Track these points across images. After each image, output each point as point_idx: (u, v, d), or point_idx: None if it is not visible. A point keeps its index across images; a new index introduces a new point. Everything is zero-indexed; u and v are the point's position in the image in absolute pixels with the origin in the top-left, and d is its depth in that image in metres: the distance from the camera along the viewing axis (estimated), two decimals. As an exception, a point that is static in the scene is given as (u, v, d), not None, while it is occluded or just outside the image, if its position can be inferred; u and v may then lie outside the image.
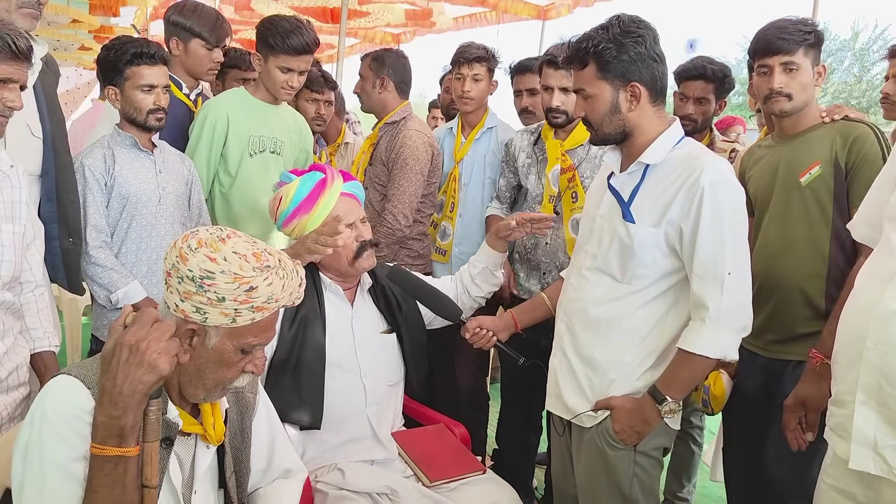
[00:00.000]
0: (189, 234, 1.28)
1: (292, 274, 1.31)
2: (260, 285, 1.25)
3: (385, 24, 7.54)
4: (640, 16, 1.76)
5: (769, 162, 2.17)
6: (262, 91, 2.69)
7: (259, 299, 1.25)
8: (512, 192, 2.87)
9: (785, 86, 2.05)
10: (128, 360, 1.15)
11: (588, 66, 1.75)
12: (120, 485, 1.16)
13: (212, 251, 1.24)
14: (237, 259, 1.24)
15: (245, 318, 1.26)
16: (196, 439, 1.40)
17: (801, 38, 2.02)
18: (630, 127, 1.77)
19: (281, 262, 1.30)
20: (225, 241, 1.26)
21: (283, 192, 2.10)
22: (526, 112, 3.10)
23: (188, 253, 1.23)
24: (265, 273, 1.26)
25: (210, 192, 2.70)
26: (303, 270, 1.37)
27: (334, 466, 1.99)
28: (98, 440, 1.15)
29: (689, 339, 1.70)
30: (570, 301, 1.91)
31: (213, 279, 1.22)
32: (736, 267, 1.67)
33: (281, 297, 1.28)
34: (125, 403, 1.15)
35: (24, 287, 1.84)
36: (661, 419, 1.76)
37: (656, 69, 1.74)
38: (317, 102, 3.22)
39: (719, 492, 3.00)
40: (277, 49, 2.56)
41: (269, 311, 1.29)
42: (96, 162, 2.30)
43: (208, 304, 1.23)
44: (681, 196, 1.69)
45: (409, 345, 2.19)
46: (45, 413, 1.19)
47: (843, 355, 1.52)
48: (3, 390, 1.72)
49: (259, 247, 1.30)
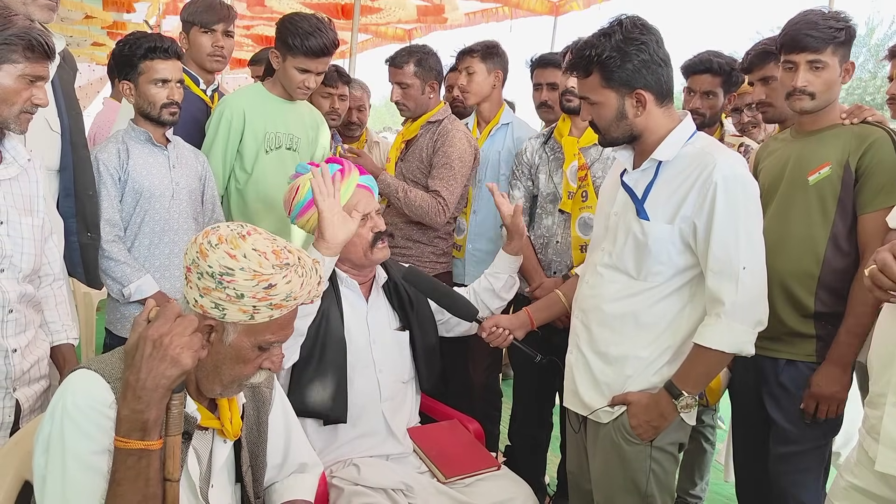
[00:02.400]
0: (210, 230, 1.28)
1: (311, 272, 1.31)
2: (279, 283, 1.25)
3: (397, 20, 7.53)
4: (642, 19, 1.73)
5: (781, 156, 2.14)
6: (279, 87, 2.69)
7: (278, 297, 1.25)
8: (531, 202, 2.77)
9: (809, 84, 2.00)
10: (151, 355, 1.16)
11: (592, 74, 1.74)
12: (143, 477, 1.17)
13: (232, 248, 1.24)
14: (257, 256, 1.24)
15: (263, 315, 1.26)
16: (213, 434, 1.41)
17: (830, 35, 1.96)
18: (638, 130, 1.77)
19: (300, 259, 1.31)
20: (245, 238, 1.26)
21: (300, 183, 2.08)
22: (545, 106, 3.08)
23: (208, 249, 1.24)
24: (284, 271, 1.26)
25: (226, 189, 2.71)
26: (322, 268, 1.36)
27: (349, 462, 2.00)
28: (122, 433, 1.16)
29: (704, 334, 1.70)
30: (586, 298, 1.91)
31: (232, 276, 1.22)
32: (750, 261, 1.67)
33: (300, 296, 1.29)
34: (149, 397, 1.16)
35: (42, 280, 1.86)
36: (677, 414, 1.76)
37: (661, 73, 1.73)
38: (331, 97, 3.21)
39: (730, 489, 2.98)
40: (296, 50, 2.54)
41: (288, 308, 1.29)
42: (110, 156, 2.32)
43: (227, 301, 1.23)
44: (694, 192, 1.68)
45: (421, 344, 2.19)
46: (65, 407, 1.20)
47: (877, 357, 1.51)
48: (26, 382, 1.74)
49: (279, 244, 1.30)
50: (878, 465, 1.44)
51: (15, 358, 1.69)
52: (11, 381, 1.69)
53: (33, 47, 1.60)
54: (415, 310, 2.20)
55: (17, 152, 1.75)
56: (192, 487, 1.36)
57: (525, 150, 2.77)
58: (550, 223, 2.64)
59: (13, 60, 1.59)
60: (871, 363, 1.54)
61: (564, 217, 2.60)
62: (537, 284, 2.61)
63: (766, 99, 2.39)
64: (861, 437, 1.56)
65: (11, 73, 1.60)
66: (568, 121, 2.64)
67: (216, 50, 2.80)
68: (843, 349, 1.97)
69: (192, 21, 2.78)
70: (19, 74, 1.61)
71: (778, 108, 2.37)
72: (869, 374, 1.56)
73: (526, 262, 2.63)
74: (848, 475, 1.56)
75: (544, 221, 2.66)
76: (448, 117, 2.91)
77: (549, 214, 2.65)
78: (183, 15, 2.83)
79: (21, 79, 1.61)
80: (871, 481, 1.49)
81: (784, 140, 2.19)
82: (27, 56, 1.60)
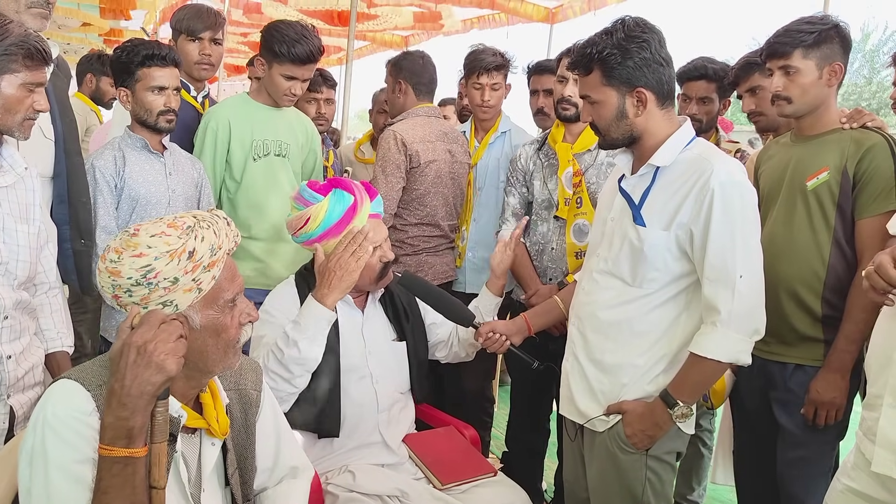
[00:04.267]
0: (102, 256, 1.26)
1: (213, 219, 1.31)
2: (196, 245, 1.24)
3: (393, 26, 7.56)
4: (644, 19, 1.73)
5: (780, 161, 2.15)
6: (264, 95, 2.69)
7: (205, 257, 1.25)
8: (526, 208, 2.77)
9: (783, 89, 2.01)
10: (136, 361, 1.16)
11: (593, 72, 1.74)
12: (130, 485, 1.17)
13: (133, 249, 1.22)
14: (158, 239, 1.23)
15: (206, 282, 1.26)
16: (201, 436, 1.40)
17: (797, 39, 1.98)
18: (638, 131, 1.76)
19: (197, 217, 1.30)
20: (137, 234, 1.24)
21: (311, 214, 2.00)
22: (541, 113, 3.09)
23: (116, 266, 1.22)
24: (192, 233, 1.25)
25: (218, 199, 2.71)
26: (222, 212, 1.36)
27: (345, 468, 1.99)
28: (106, 441, 1.16)
29: (700, 342, 1.69)
30: (582, 305, 1.90)
31: (153, 270, 1.22)
32: (747, 270, 1.65)
33: (223, 244, 1.29)
34: (134, 404, 1.16)
35: (38, 288, 1.86)
36: (672, 423, 1.74)
37: (663, 73, 1.72)
38: (316, 102, 3.21)
39: (729, 494, 2.98)
40: (282, 57, 2.54)
41: (221, 261, 1.29)
42: (107, 163, 2.31)
43: (168, 293, 1.23)
44: (691, 198, 1.67)
45: (415, 355, 2.19)
46: (46, 418, 1.19)
47: (875, 359, 1.52)
48: (20, 389, 1.74)
49: (169, 218, 1.29)
50: (875, 466, 1.44)
51: (9, 365, 1.68)
52: (5, 388, 1.68)
53: (32, 55, 1.61)
54: (410, 322, 2.20)
55: (14, 160, 1.75)
56: (182, 493, 1.35)
57: (519, 156, 2.76)
58: (545, 230, 2.64)
59: (13, 70, 1.60)
60: (869, 365, 1.55)
61: (559, 224, 2.60)
62: (533, 291, 2.61)
63: (756, 109, 2.43)
64: (858, 440, 1.56)
65: (13, 82, 1.61)
66: (562, 127, 2.64)
67: (203, 58, 2.79)
68: (841, 355, 1.97)
69: (179, 29, 2.78)
70: (20, 83, 1.62)
71: (769, 116, 2.41)
72: (866, 376, 1.56)
73: (521, 268, 2.63)
74: (845, 478, 1.56)
75: (539, 228, 2.66)
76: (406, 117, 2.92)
77: (544, 221, 2.65)
78: (171, 22, 2.82)
79: (22, 87, 1.63)
80: (867, 484, 1.49)
81: (784, 145, 2.19)
82: (27, 65, 1.61)
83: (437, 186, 2.87)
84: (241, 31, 8.70)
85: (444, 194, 2.90)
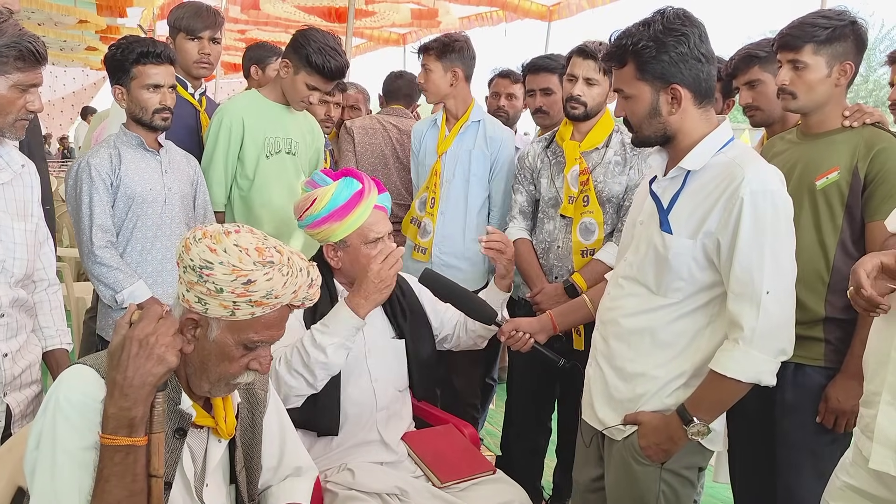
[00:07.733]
0: (199, 227, 1.30)
1: (299, 273, 1.31)
2: (258, 279, 1.25)
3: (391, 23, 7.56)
4: (687, 11, 1.62)
5: (788, 158, 2.09)
6: (277, 93, 2.69)
7: (257, 294, 1.26)
8: (534, 206, 2.73)
9: (789, 83, 1.97)
10: (138, 354, 1.20)
11: (627, 65, 1.64)
12: (131, 473, 1.21)
13: (213, 242, 1.26)
14: (237, 251, 1.25)
15: (244, 311, 1.27)
16: (208, 433, 1.42)
17: (809, 34, 1.92)
18: (672, 130, 1.66)
19: (289, 260, 1.30)
20: (229, 235, 1.28)
21: (318, 195, 2.01)
22: (540, 112, 3.07)
23: (192, 243, 1.26)
24: (266, 268, 1.26)
25: (229, 197, 2.70)
26: (316, 272, 1.36)
27: (344, 466, 1.99)
28: (108, 431, 1.20)
29: (721, 360, 1.60)
30: (606, 310, 1.82)
31: (211, 269, 1.24)
32: (775, 286, 1.55)
33: (282, 294, 1.28)
34: (136, 395, 1.20)
35: (37, 286, 1.86)
36: (687, 440, 1.65)
37: (701, 70, 1.61)
38: (327, 105, 3.23)
39: (726, 492, 2.98)
40: (313, 68, 2.54)
41: (270, 307, 1.29)
42: (102, 162, 2.30)
43: (208, 295, 1.25)
44: (719, 206, 1.58)
45: (413, 353, 2.18)
46: (58, 402, 1.23)
47: (873, 357, 1.51)
48: (17, 387, 1.74)
49: (268, 243, 1.30)
50: (872, 463, 1.44)
51: (6, 363, 1.68)
52: (2, 386, 1.68)
53: (24, 56, 1.60)
54: (408, 320, 2.19)
55: (10, 157, 1.75)
56: (186, 486, 1.38)
57: (527, 154, 2.74)
58: (552, 228, 2.62)
59: (4, 72, 1.60)
60: (867, 362, 1.54)
61: (566, 222, 2.58)
62: (538, 290, 2.60)
63: (752, 103, 2.36)
64: (856, 437, 1.56)
65: (4, 84, 1.60)
66: (570, 125, 2.62)
67: (202, 57, 2.78)
68: (858, 360, 1.92)
69: (178, 27, 2.76)
70: (11, 85, 1.61)
71: (765, 111, 2.36)
72: (864, 373, 1.55)
73: (528, 266, 2.63)
74: (843, 475, 1.56)
75: (546, 226, 2.64)
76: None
77: (550, 219, 2.63)
78: (169, 20, 2.80)
79: (14, 88, 1.62)
80: (866, 480, 1.49)
81: (790, 141, 2.14)
82: (18, 66, 1.61)
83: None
84: (239, 27, 8.69)
85: None
